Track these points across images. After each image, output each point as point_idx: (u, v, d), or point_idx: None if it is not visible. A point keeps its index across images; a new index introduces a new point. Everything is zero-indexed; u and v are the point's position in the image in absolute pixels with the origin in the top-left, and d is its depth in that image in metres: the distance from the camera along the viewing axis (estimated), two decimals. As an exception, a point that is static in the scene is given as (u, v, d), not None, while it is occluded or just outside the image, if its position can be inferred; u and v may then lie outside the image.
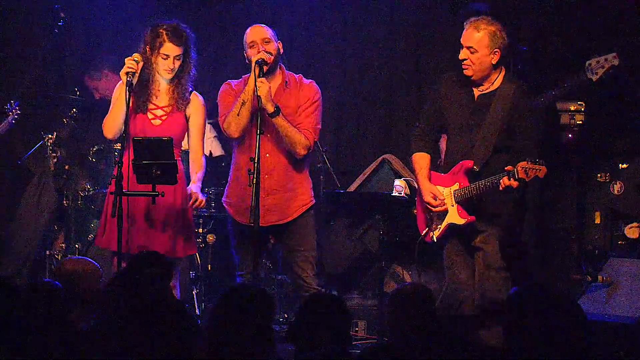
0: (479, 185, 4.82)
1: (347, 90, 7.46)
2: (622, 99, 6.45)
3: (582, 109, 6.16)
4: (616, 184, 6.27)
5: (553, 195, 6.54)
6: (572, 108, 6.17)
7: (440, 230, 4.98)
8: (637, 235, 6.13)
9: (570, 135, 6.14)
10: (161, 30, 5.12)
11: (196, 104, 5.18)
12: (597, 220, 6.38)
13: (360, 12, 7.41)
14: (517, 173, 4.64)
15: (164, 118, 5.12)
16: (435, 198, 4.93)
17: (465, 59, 4.86)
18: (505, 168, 4.69)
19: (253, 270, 5.03)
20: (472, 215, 4.89)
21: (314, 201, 5.33)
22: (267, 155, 5.16)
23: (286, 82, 5.23)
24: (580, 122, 6.18)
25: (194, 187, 5.08)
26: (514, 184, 4.65)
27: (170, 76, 5.13)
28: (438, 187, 4.97)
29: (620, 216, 6.26)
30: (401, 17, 7.30)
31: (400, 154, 6.90)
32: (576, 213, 6.54)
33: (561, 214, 6.58)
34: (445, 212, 4.95)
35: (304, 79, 5.31)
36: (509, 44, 4.95)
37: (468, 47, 4.85)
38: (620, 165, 6.33)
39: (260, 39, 5.16)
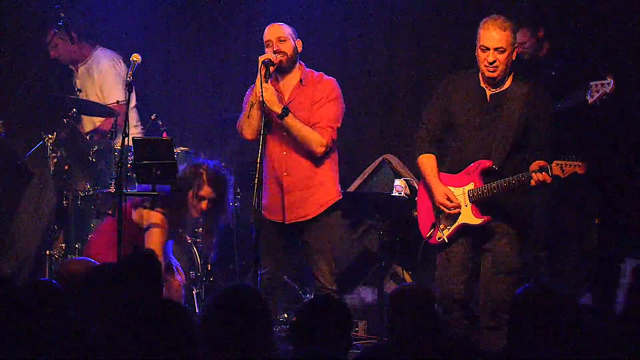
0: (501, 183, 4.78)
1: (347, 90, 7.42)
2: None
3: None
4: (616, 183, 6.28)
5: (553, 195, 6.54)
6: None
7: (451, 231, 4.93)
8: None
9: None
10: (202, 171, 5.30)
11: None
12: (597, 220, 6.38)
13: (360, 11, 7.40)
14: (551, 170, 4.63)
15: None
16: (449, 200, 4.90)
17: (494, 61, 4.79)
18: (538, 165, 4.66)
19: (253, 269, 5.03)
20: (487, 215, 4.86)
21: (340, 197, 5.32)
22: (284, 153, 5.20)
23: (301, 79, 5.23)
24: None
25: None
26: (548, 179, 4.64)
27: (197, 216, 5.33)
28: (449, 187, 4.94)
29: (620, 216, 6.26)
30: (401, 17, 7.29)
31: (400, 154, 6.90)
32: (576, 213, 6.54)
33: (561, 215, 6.58)
34: (457, 214, 4.92)
35: (325, 76, 5.33)
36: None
37: (497, 48, 4.78)
38: (620, 165, 6.34)
39: (275, 38, 5.19)
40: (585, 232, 6.43)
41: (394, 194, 6.29)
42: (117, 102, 6.79)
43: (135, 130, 6.81)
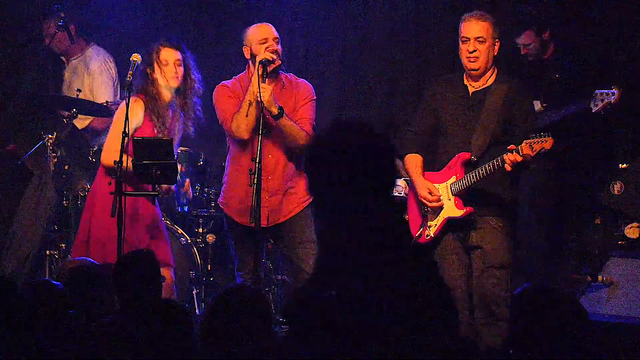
0: (478, 172, 4.81)
1: (346, 89, 7.46)
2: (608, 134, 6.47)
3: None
4: (616, 184, 6.27)
5: (553, 195, 6.54)
6: (573, 108, 6.17)
7: (437, 227, 4.98)
8: (637, 235, 6.13)
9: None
10: (155, 45, 5.30)
11: None
12: (597, 220, 6.38)
13: (360, 11, 7.40)
14: (521, 150, 4.65)
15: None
16: (431, 193, 4.94)
17: (474, 51, 4.88)
18: (508, 147, 4.69)
19: (253, 270, 5.04)
20: (469, 207, 4.90)
21: (312, 198, 5.32)
22: (270, 156, 5.17)
23: (283, 82, 5.24)
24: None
25: None
26: (519, 158, 4.65)
27: (177, 84, 5.20)
28: (434, 184, 4.98)
29: (620, 216, 6.26)
30: (401, 17, 7.30)
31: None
32: (576, 213, 6.55)
33: (561, 214, 6.58)
34: (440, 208, 4.96)
35: (299, 79, 5.34)
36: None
37: (477, 38, 4.87)
38: (620, 165, 6.33)
39: (272, 37, 5.18)
40: (585, 230, 6.44)
41: (394, 194, 6.29)
42: (106, 102, 6.78)
43: None
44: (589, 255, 6.28)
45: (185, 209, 5.48)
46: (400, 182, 6.33)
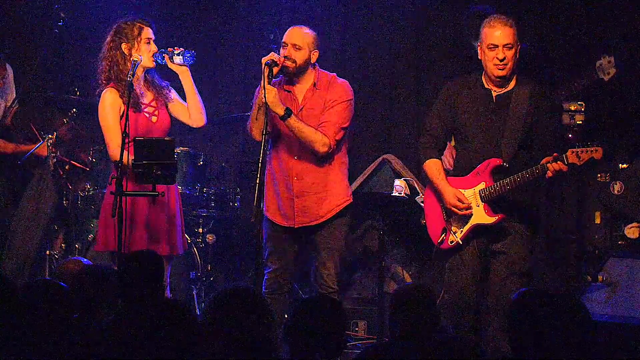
0: (514, 179, 4.75)
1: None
2: (622, 98, 6.47)
3: (582, 109, 6.17)
4: (616, 184, 6.28)
5: (553, 196, 6.54)
6: (572, 108, 6.17)
7: (464, 233, 4.89)
8: (637, 235, 6.14)
9: (570, 135, 6.14)
10: (133, 21, 5.23)
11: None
12: (597, 220, 6.39)
13: (360, 12, 7.40)
14: (567, 159, 4.63)
15: (156, 114, 5.20)
16: (461, 201, 4.85)
17: (504, 58, 4.79)
18: (553, 155, 4.65)
19: (255, 270, 5.03)
20: (500, 214, 4.83)
21: (350, 201, 5.31)
22: (295, 157, 5.17)
23: (314, 83, 5.21)
24: (580, 122, 6.18)
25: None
26: (564, 167, 4.64)
27: (153, 63, 5.18)
28: (460, 189, 4.91)
29: (620, 216, 6.26)
30: (402, 17, 7.29)
31: (400, 154, 6.90)
32: (576, 213, 6.54)
33: (561, 214, 6.58)
34: (468, 215, 4.88)
35: (337, 79, 5.28)
36: None
37: (505, 45, 4.79)
38: (620, 165, 6.34)
39: (291, 43, 5.16)
40: (585, 230, 6.44)
41: (394, 194, 6.28)
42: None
43: None
44: (589, 255, 6.28)
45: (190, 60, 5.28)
46: (400, 182, 6.33)
